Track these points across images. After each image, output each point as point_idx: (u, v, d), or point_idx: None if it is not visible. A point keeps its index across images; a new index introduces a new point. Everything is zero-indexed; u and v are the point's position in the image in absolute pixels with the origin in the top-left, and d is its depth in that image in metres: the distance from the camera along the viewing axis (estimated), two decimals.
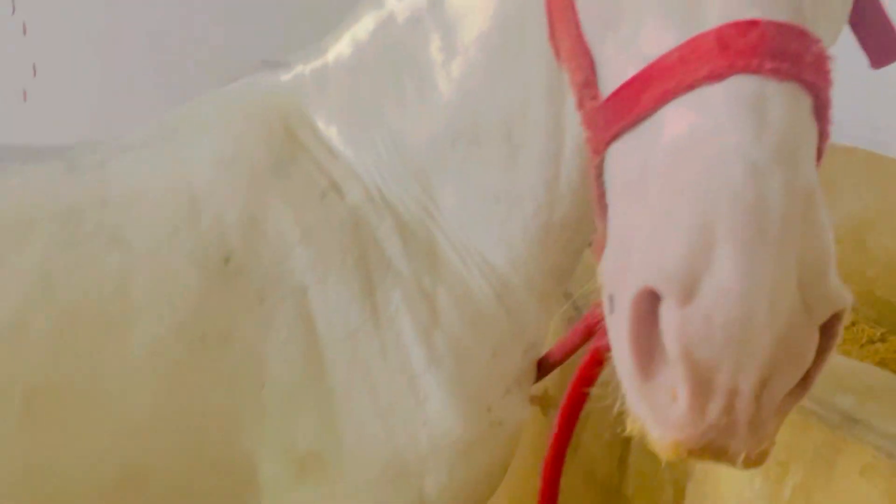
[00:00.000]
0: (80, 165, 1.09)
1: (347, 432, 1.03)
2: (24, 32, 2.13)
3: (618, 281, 0.66)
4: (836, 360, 0.68)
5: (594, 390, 1.09)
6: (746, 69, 0.62)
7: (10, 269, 0.97)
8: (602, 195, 0.73)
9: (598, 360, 1.01)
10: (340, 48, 1.11)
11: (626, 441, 1.32)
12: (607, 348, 0.72)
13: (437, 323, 1.04)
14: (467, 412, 1.04)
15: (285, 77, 1.13)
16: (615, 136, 0.69)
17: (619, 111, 0.68)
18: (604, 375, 1.15)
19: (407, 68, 1.04)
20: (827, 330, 0.64)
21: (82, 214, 1.03)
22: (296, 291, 1.02)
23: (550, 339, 1.19)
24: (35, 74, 2.10)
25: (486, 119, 1.01)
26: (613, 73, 0.71)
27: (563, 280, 1.11)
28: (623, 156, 0.69)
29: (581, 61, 0.75)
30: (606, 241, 0.70)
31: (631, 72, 0.67)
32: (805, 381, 0.65)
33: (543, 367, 1.12)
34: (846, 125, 1.16)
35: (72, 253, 1.00)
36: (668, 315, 0.61)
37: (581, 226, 1.05)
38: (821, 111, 0.66)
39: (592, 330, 1.02)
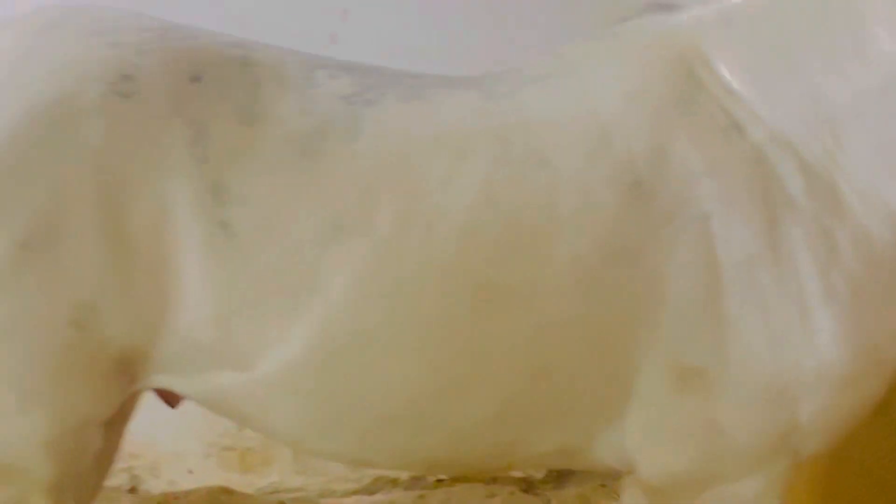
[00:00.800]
0: (494, 93, 1.21)
1: (734, 352, 1.11)
2: None
3: None
4: None
5: None
6: None
7: (461, 181, 1.11)
8: None
9: None
10: None
11: None
12: None
13: (836, 261, 1.10)
14: (857, 348, 1.10)
15: (681, 17, 1.21)
16: None
17: None
18: None
19: (842, 20, 1.10)
20: None
21: (509, 137, 1.15)
22: (699, 218, 1.11)
23: None
24: (345, 19, 2.30)
25: None
26: None
27: None
28: None
29: None
30: None
31: None
32: None
33: None
34: None
35: (507, 170, 1.12)
36: None
37: None
38: None
39: None
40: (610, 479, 2.57)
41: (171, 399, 1.36)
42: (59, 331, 1.06)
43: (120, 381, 1.15)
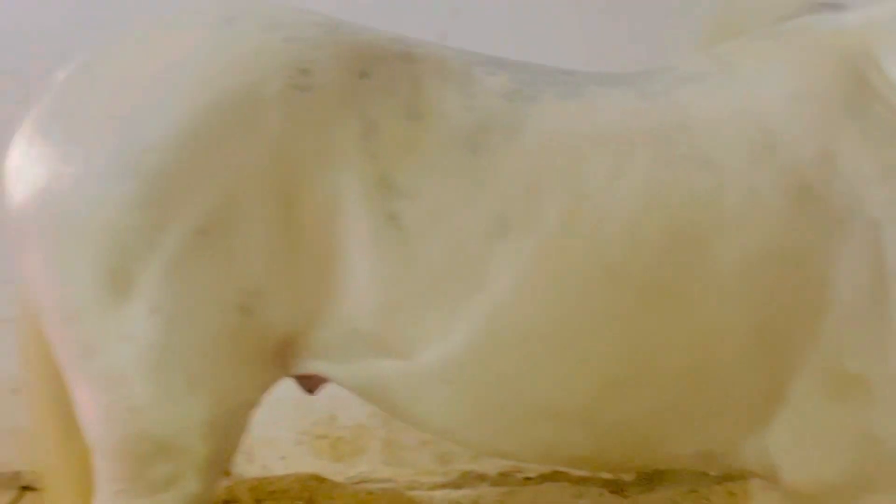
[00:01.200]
0: (648, 92, 1.21)
1: None
2: None
3: None
4: None
5: None
6: None
7: (624, 181, 1.12)
8: None
9: None
10: None
11: None
12: None
13: None
14: None
15: (849, 17, 1.19)
16: None
17: None
18: None
19: None
20: None
21: (670, 137, 1.15)
22: (870, 225, 1.09)
23: None
24: (455, 18, 2.32)
25: None
26: None
27: None
28: None
29: None
30: None
31: None
32: None
33: None
34: None
35: (669, 170, 1.12)
36: None
37: None
38: None
39: None
40: (701, 485, 2.55)
41: (311, 385, 1.39)
42: (227, 316, 1.10)
43: (277, 366, 1.18)
